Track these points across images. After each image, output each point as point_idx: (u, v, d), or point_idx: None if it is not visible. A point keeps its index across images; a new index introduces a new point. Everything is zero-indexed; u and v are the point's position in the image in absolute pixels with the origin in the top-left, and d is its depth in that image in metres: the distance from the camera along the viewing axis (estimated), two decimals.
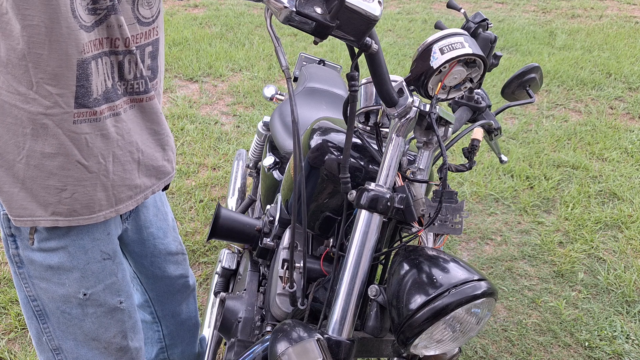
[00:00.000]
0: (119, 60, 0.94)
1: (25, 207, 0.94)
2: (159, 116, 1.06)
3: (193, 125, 3.52)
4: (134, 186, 1.04)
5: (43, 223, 0.95)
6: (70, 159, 0.92)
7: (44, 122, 0.88)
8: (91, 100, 0.90)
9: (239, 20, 5.74)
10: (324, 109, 1.84)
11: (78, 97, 0.89)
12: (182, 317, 1.46)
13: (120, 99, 0.96)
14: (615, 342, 2.06)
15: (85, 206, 0.97)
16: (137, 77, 0.98)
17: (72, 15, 0.82)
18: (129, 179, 1.02)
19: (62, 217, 0.96)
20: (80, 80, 0.88)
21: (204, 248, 2.48)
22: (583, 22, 6.04)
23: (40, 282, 1.02)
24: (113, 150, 0.97)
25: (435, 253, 0.95)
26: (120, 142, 0.98)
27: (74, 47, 0.85)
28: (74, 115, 0.89)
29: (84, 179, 0.95)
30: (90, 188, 0.96)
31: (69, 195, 0.95)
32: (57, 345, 1.08)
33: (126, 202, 1.04)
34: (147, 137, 1.05)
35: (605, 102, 4.07)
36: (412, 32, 5.58)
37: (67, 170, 0.93)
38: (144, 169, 1.05)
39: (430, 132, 1.01)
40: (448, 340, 0.91)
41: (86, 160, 0.94)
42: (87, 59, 0.87)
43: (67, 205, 0.95)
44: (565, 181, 3.09)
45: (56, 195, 0.94)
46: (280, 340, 0.90)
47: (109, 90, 0.93)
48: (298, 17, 0.76)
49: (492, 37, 1.08)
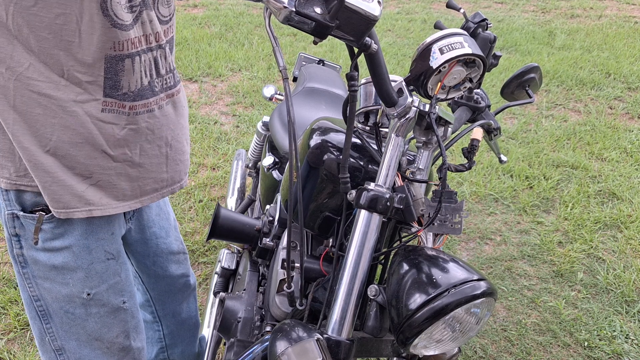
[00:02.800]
0: (154, 57, 0.96)
1: (58, 199, 0.94)
2: (185, 110, 1.09)
3: (192, 125, 3.52)
4: (160, 179, 1.05)
5: (77, 214, 0.96)
6: (97, 147, 0.93)
7: (73, 109, 0.89)
8: (120, 94, 0.92)
9: (239, 20, 5.74)
10: (323, 109, 1.84)
11: (106, 88, 0.90)
12: (182, 317, 1.46)
13: (156, 95, 0.98)
14: (614, 341, 2.06)
15: (112, 196, 0.98)
16: (167, 72, 1.00)
17: (103, 14, 0.84)
18: (155, 171, 1.03)
19: (93, 206, 0.97)
20: (108, 73, 0.90)
21: (203, 248, 2.48)
22: (582, 22, 6.05)
23: (44, 282, 1.02)
24: (141, 143, 0.98)
25: (434, 253, 0.95)
26: (149, 136, 0.99)
27: (104, 43, 0.86)
28: (102, 103, 0.91)
29: (109, 168, 0.96)
30: (115, 177, 0.98)
31: (95, 182, 0.96)
32: (60, 345, 1.08)
33: (151, 194, 1.05)
34: (178, 132, 1.06)
35: (604, 102, 4.07)
36: (411, 32, 5.58)
37: (93, 159, 0.94)
38: (172, 163, 1.07)
39: (430, 132, 1.01)
40: (447, 340, 0.91)
41: (112, 151, 0.95)
42: (120, 56, 0.89)
43: (95, 195, 0.96)
44: (564, 181, 3.09)
45: (82, 183, 0.95)
46: (280, 340, 0.90)
47: (144, 88, 0.95)
48: (297, 17, 0.76)
49: (491, 37, 1.08)
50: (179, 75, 1.08)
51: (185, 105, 1.10)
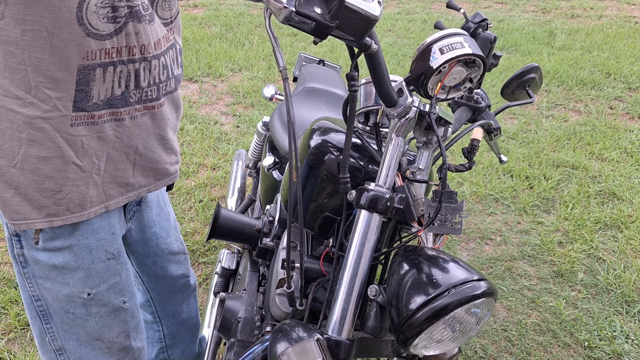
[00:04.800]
0: (135, 69, 0.94)
1: (19, 211, 0.94)
2: (167, 122, 1.06)
3: (193, 125, 3.52)
4: (125, 184, 1.04)
5: (38, 225, 0.96)
6: (66, 160, 0.92)
7: (41, 125, 0.88)
8: (90, 105, 0.90)
9: (239, 20, 5.74)
10: (323, 109, 1.84)
11: (77, 101, 0.89)
12: (182, 317, 1.46)
13: (130, 106, 0.96)
14: (614, 342, 2.06)
15: (78, 204, 0.97)
16: (150, 85, 0.98)
17: (78, 23, 0.82)
18: (120, 177, 1.02)
19: (56, 217, 0.96)
20: (80, 85, 0.88)
21: (203, 248, 2.48)
22: (582, 22, 6.05)
23: (45, 282, 1.02)
24: (108, 151, 0.97)
25: (435, 253, 0.95)
26: (117, 144, 0.98)
27: (76, 53, 0.85)
28: (71, 118, 0.89)
29: (78, 179, 0.95)
30: (84, 187, 0.97)
31: (64, 196, 0.95)
32: (60, 345, 1.08)
33: (116, 198, 1.04)
34: (152, 143, 1.05)
35: (604, 102, 4.07)
36: (411, 32, 5.58)
37: (62, 172, 0.93)
38: (139, 169, 1.05)
39: (430, 132, 1.01)
40: (448, 340, 0.91)
41: (81, 161, 0.94)
42: (92, 65, 0.87)
43: (61, 206, 0.95)
44: (564, 181, 3.09)
45: (51, 197, 0.94)
46: (280, 340, 0.90)
47: (115, 97, 0.93)
48: (297, 17, 0.76)
49: (491, 37, 1.08)
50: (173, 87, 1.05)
51: (172, 115, 1.07)
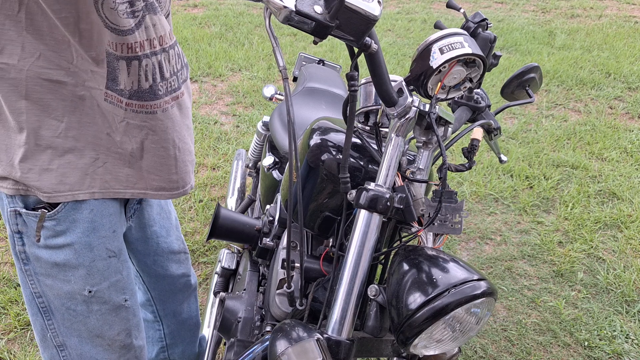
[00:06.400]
0: (158, 61, 0.96)
1: (65, 181, 0.96)
2: (189, 111, 1.10)
3: (193, 125, 3.52)
4: (169, 180, 1.06)
5: (81, 196, 0.98)
6: (102, 129, 0.96)
7: (82, 93, 0.92)
8: (117, 89, 0.94)
9: (239, 20, 5.74)
10: (323, 109, 1.84)
11: (108, 80, 0.92)
12: (183, 317, 1.46)
13: (160, 99, 0.99)
14: (614, 341, 2.06)
15: (115, 178, 1.00)
16: (172, 75, 1.01)
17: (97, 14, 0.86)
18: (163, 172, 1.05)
19: (97, 189, 0.99)
20: (110, 67, 0.91)
21: (203, 248, 2.48)
22: (582, 22, 6.05)
23: (46, 279, 1.03)
24: (142, 140, 1.00)
25: (434, 253, 0.95)
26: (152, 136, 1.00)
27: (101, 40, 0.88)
28: (104, 93, 0.93)
29: (114, 152, 0.98)
30: (120, 162, 1.00)
31: (101, 164, 0.98)
32: (61, 341, 1.09)
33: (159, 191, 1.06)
34: (184, 133, 1.07)
35: (604, 102, 4.07)
36: (411, 32, 5.58)
37: (99, 139, 0.97)
38: (181, 165, 1.08)
39: (430, 132, 1.01)
40: (448, 340, 0.91)
41: (116, 136, 0.97)
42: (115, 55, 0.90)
43: (100, 176, 0.98)
44: (564, 181, 3.09)
45: (91, 165, 0.97)
46: (280, 340, 0.90)
47: (143, 90, 0.95)
48: (297, 17, 0.76)
49: (491, 37, 1.08)
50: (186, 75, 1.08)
51: (190, 104, 1.11)
